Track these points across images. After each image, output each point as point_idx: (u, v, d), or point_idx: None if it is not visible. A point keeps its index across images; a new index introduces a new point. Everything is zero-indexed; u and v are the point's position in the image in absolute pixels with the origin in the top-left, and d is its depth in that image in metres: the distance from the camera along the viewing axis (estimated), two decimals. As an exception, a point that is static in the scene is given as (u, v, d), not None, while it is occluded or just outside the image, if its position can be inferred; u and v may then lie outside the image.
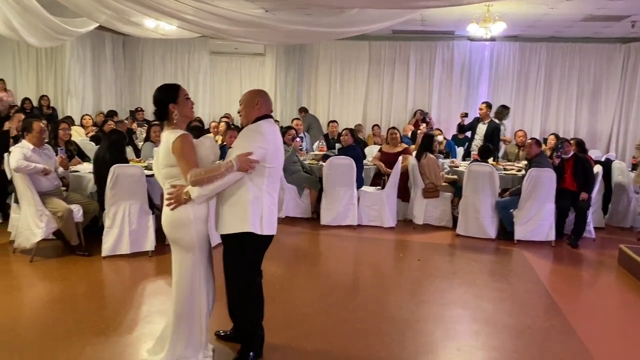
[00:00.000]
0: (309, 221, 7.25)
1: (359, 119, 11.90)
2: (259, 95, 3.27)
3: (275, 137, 3.24)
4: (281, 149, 3.31)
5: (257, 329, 3.37)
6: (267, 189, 3.15)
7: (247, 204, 3.08)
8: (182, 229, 3.10)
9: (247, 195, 3.08)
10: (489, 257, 6.08)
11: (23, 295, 4.51)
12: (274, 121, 3.34)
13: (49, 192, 5.35)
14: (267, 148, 3.08)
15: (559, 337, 3.94)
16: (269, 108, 3.29)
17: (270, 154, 3.12)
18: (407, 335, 3.85)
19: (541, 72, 11.29)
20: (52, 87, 12.34)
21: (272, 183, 3.20)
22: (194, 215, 3.08)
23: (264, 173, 3.11)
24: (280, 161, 3.30)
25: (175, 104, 3.08)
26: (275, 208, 3.26)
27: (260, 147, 3.05)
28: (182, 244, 3.14)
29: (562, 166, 6.76)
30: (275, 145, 3.18)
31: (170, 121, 3.12)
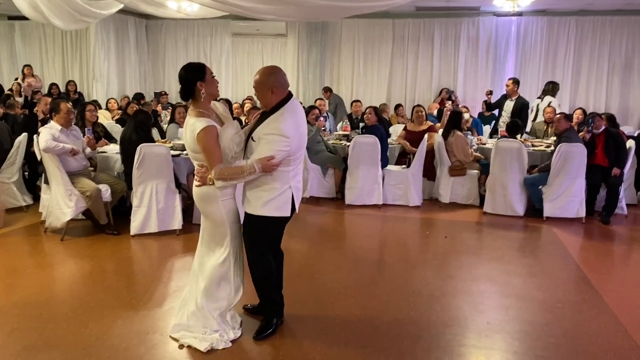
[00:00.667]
0: (333, 201, 7.23)
1: (382, 98, 11.75)
2: (270, 78, 3.08)
3: (299, 128, 3.10)
4: (305, 134, 3.22)
5: (276, 297, 3.44)
6: (292, 174, 3.15)
7: (274, 191, 3.10)
8: (210, 203, 3.17)
9: (275, 183, 3.09)
10: (517, 234, 5.98)
11: (55, 272, 4.60)
12: (295, 102, 3.15)
13: (78, 172, 5.43)
14: (291, 148, 3.02)
15: (591, 311, 3.86)
16: (285, 87, 3.12)
17: (295, 148, 3.07)
18: (434, 309, 3.82)
19: (570, 47, 10.96)
20: (78, 72, 12.54)
21: (296, 166, 3.20)
22: (221, 193, 3.15)
23: (290, 163, 3.10)
24: (304, 145, 3.25)
25: (203, 82, 3.09)
26: (300, 185, 3.27)
27: (282, 150, 2.99)
28: (212, 217, 3.23)
29: (593, 142, 6.58)
30: (299, 137, 3.10)
31: (197, 100, 3.12)
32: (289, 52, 12.31)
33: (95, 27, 11.32)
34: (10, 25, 12.55)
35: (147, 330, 3.43)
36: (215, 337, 3.22)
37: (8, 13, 11.83)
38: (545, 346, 3.32)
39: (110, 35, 11.95)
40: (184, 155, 5.79)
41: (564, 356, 3.19)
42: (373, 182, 6.88)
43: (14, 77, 11.75)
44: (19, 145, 6.34)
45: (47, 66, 12.76)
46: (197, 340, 3.22)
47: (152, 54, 13.20)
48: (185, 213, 5.76)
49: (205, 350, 3.14)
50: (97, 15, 7.07)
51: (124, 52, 12.45)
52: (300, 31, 12.03)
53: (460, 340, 3.39)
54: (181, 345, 3.23)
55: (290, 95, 3.15)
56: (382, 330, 3.48)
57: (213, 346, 3.18)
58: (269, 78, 3.08)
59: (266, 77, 3.09)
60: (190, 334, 3.26)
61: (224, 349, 3.18)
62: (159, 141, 6.32)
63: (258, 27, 12.10)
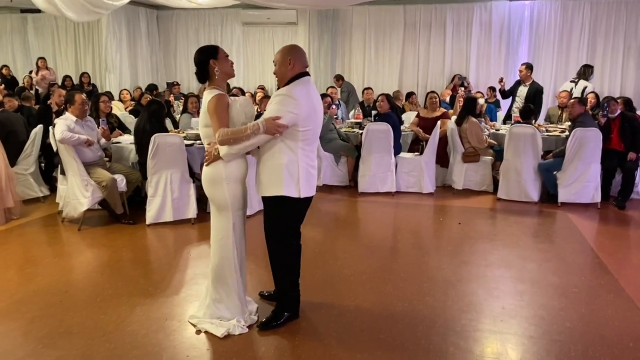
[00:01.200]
0: (346, 189, 7.23)
1: (394, 85, 11.69)
2: (290, 52, 3.13)
3: (310, 98, 3.09)
4: (319, 110, 3.20)
5: (292, 290, 3.40)
6: (302, 151, 3.10)
7: (282, 167, 3.06)
8: (216, 186, 3.17)
9: (282, 158, 3.06)
10: (532, 219, 5.95)
11: (73, 260, 4.67)
12: (310, 79, 3.19)
13: (93, 162, 5.49)
14: (299, 112, 2.99)
15: (607, 295, 3.85)
16: (303, 64, 3.15)
17: (303, 118, 3.02)
18: (449, 295, 3.83)
19: (584, 31, 10.78)
20: (91, 63, 12.63)
21: (308, 145, 3.13)
22: (226, 174, 3.13)
23: (298, 137, 3.05)
24: (317, 122, 3.20)
25: (215, 60, 3.14)
26: (313, 169, 3.20)
27: (290, 112, 2.96)
28: (216, 202, 3.22)
29: (609, 126, 6.51)
30: (310, 107, 3.06)
31: (212, 79, 3.16)
32: (300, 40, 12.25)
33: (106, 19, 11.36)
34: (23, 19, 12.65)
35: (165, 316, 3.48)
36: (232, 322, 3.26)
37: (20, 6, 11.91)
38: (561, 330, 3.32)
39: (122, 26, 11.99)
40: (197, 145, 5.82)
41: (580, 340, 3.19)
42: (386, 169, 6.87)
43: (28, 69, 11.88)
44: (35, 137, 6.41)
45: (60, 58, 12.86)
46: (213, 326, 3.26)
47: (164, 44, 13.23)
48: (200, 202, 5.80)
49: (222, 336, 3.19)
50: (109, 6, 7.11)
51: (136, 43, 12.49)
52: (310, 19, 11.98)
53: (476, 325, 3.40)
54: (198, 331, 3.28)
55: (307, 73, 3.17)
56: (397, 316, 3.50)
57: (230, 332, 3.23)
58: (291, 50, 3.14)
59: (289, 50, 3.16)
60: (207, 320, 3.31)
61: (241, 335, 3.22)
62: (172, 131, 6.37)
63: (269, 16, 12.07)
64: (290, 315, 3.39)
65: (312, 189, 3.21)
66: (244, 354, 3.04)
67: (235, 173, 3.16)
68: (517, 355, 3.05)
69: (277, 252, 3.29)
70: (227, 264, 3.27)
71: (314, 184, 3.24)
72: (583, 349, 3.09)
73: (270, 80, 12.26)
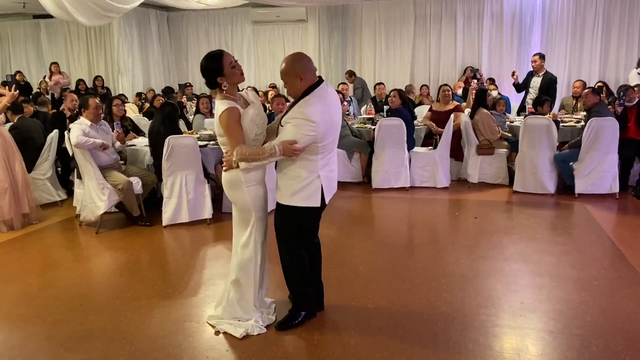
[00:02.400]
0: (360, 185, 7.22)
1: (406, 79, 11.63)
2: (296, 66, 3.00)
3: (328, 111, 3.00)
4: (337, 120, 3.10)
5: (305, 289, 3.36)
6: (322, 163, 3.05)
7: (302, 180, 3.03)
8: (236, 189, 3.17)
9: (302, 171, 3.03)
10: (549, 212, 5.89)
11: (92, 264, 4.73)
12: (324, 88, 3.05)
13: (109, 166, 5.54)
14: (317, 133, 2.92)
15: (628, 288, 3.80)
16: (313, 73, 3.04)
17: (321, 135, 2.95)
18: (467, 291, 3.81)
19: (598, 19, 10.59)
20: (103, 67, 12.75)
21: (327, 155, 3.09)
22: (245, 177, 3.11)
23: (317, 151, 3.00)
24: (336, 129, 3.14)
25: (222, 77, 3.07)
26: (333, 175, 3.18)
27: (306, 135, 2.90)
28: (237, 204, 3.23)
29: (625, 115, 6.42)
30: (327, 123, 2.98)
31: (221, 91, 3.14)
32: (310, 38, 12.25)
33: (118, 22, 11.45)
34: (36, 24, 12.80)
35: (184, 318, 3.51)
36: (250, 323, 3.28)
37: (33, 12, 12.05)
38: (582, 325, 3.28)
39: (133, 29, 12.08)
40: (211, 146, 5.85)
41: (601, 335, 3.15)
42: (400, 164, 6.85)
43: (42, 74, 12.02)
44: (51, 141, 6.49)
45: (73, 63, 13.01)
46: (232, 326, 3.28)
47: (175, 45, 13.31)
48: (215, 202, 5.84)
49: (240, 337, 3.21)
50: (120, 10, 7.16)
51: (147, 45, 12.58)
52: (320, 16, 11.95)
53: (495, 320, 3.38)
54: (217, 332, 3.30)
55: (320, 80, 3.06)
56: (415, 312, 3.49)
57: (248, 332, 3.24)
58: (295, 65, 3.01)
59: (292, 65, 3.01)
60: (225, 321, 3.34)
61: (259, 335, 3.24)
62: (185, 132, 6.40)
63: (278, 14, 12.07)
64: (307, 314, 3.38)
65: (331, 192, 3.20)
66: (263, 354, 3.05)
67: (254, 176, 3.14)
68: (537, 350, 3.03)
69: (287, 258, 3.28)
70: (249, 265, 3.28)
71: (334, 186, 3.25)
72: (604, 344, 3.05)
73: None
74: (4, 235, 5.42)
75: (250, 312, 3.33)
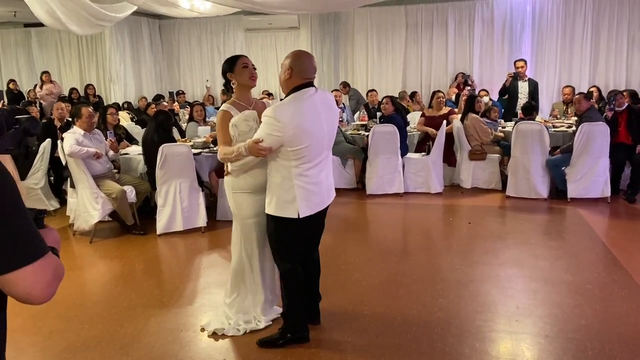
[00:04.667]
0: (354, 191, 7.24)
1: (398, 86, 11.68)
2: (292, 61, 2.92)
3: (301, 116, 2.85)
4: (313, 129, 2.89)
5: (294, 305, 3.20)
6: (297, 170, 2.90)
7: (277, 187, 2.96)
8: (227, 194, 3.30)
9: (277, 178, 2.96)
10: (542, 216, 5.94)
11: (87, 273, 4.71)
12: (307, 92, 2.91)
13: (102, 174, 5.53)
14: (282, 134, 2.80)
15: (621, 291, 3.83)
16: (304, 75, 2.93)
17: (290, 138, 2.81)
18: (463, 296, 3.83)
19: (588, 24, 10.71)
20: (95, 75, 12.71)
21: (305, 163, 2.91)
22: (233, 183, 3.20)
23: (290, 156, 2.87)
24: (316, 138, 2.91)
25: (232, 73, 3.19)
26: (314, 188, 2.98)
27: (271, 135, 2.80)
28: (231, 210, 3.33)
29: (616, 119, 6.49)
30: (297, 127, 2.82)
31: (234, 91, 3.24)
32: (302, 45, 12.26)
33: (109, 30, 11.42)
34: (27, 33, 12.75)
35: (180, 327, 3.50)
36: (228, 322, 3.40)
37: (24, 21, 12.01)
38: (577, 328, 3.31)
39: (125, 37, 12.06)
40: (205, 154, 5.85)
41: (597, 338, 3.18)
42: (393, 170, 6.88)
43: (33, 83, 11.96)
44: (44, 151, 6.45)
45: (65, 71, 12.96)
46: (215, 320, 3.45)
47: (167, 53, 13.28)
48: (209, 210, 5.83)
49: (209, 332, 3.36)
50: (112, 18, 7.16)
51: (139, 53, 12.55)
52: (312, 23, 11.99)
53: (491, 325, 3.39)
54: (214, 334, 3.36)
55: (307, 84, 2.93)
56: (411, 319, 3.50)
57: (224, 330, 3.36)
58: (291, 60, 2.94)
59: (289, 59, 2.95)
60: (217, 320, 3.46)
61: (256, 343, 3.22)
62: (179, 140, 6.40)
63: (270, 21, 12.10)
64: (293, 338, 3.20)
65: (314, 207, 3.00)
66: (261, 362, 3.05)
67: (242, 183, 3.17)
68: (533, 355, 3.05)
69: (280, 269, 3.19)
70: (240, 269, 3.36)
71: (319, 201, 3.04)
72: (600, 347, 3.08)
73: (274, 85, 12.29)
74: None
75: (237, 314, 3.40)
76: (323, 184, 3.05)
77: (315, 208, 3.02)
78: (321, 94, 3.01)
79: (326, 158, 3.08)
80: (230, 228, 5.43)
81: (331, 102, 3.09)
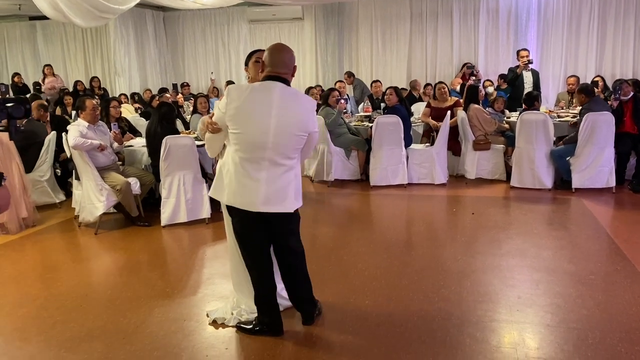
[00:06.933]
0: (358, 183, 7.24)
1: (403, 77, 11.64)
2: (266, 54, 2.95)
3: (250, 100, 2.80)
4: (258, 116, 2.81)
5: (259, 295, 3.15)
6: (234, 156, 2.87)
7: (220, 168, 3.04)
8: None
9: (222, 159, 3.04)
10: (546, 206, 5.92)
11: (92, 264, 4.75)
12: (269, 85, 2.86)
13: (107, 166, 5.56)
14: (225, 110, 2.82)
15: (624, 281, 3.83)
16: (272, 68, 2.89)
17: (230, 116, 2.82)
18: (465, 286, 3.83)
19: (594, 12, 10.59)
20: (100, 68, 12.75)
21: (243, 153, 2.84)
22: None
23: (230, 138, 2.87)
24: (253, 128, 2.81)
25: (246, 67, 3.33)
26: (248, 181, 2.85)
27: (219, 110, 2.86)
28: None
29: (621, 109, 6.43)
30: (240, 108, 2.80)
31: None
32: (307, 36, 12.25)
33: (114, 23, 11.44)
34: (32, 26, 12.79)
35: (183, 317, 3.52)
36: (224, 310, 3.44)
37: (29, 14, 12.03)
38: (578, 318, 3.31)
39: (129, 29, 12.07)
40: (208, 145, 5.85)
41: (598, 328, 3.18)
42: (397, 161, 6.87)
43: (39, 77, 12.01)
44: (49, 144, 6.49)
45: (70, 64, 13.00)
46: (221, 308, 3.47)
47: (171, 45, 13.29)
48: (213, 202, 5.84)
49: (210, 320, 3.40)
50: (116, 11, 7.16)
51: (144, 46, 12.57)
52: (316, 14, 11.95)
53: (492, 315, 3.40)
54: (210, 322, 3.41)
55: (273, 78, 2.88)
56: (412, 308, 3.51)
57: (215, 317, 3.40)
58: (265, 54, 2.96)
59: (265, 52, 2.98)
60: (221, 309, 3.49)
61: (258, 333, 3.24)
62: (182, 132, 6.41)
63: (274, 12, 12.08)
64: (265, 330, 3.18)
65: (240, 202, 2.90)
66: (262, 352, 3.07)
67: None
68: (534, 344, 3.05)
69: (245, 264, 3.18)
70: (232, 259, 3.42)
71: (247, 201, 2.89)
72: (601, 336, 3.08)
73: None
74: (3, 238, 5.43)
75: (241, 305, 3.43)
76: (260, 185, 2.85)
77: (240, 203, 2.91)
78: (289, 91, 2.91)
79: (273, 161, 2.86)
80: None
81: (299, 103, 2.95)
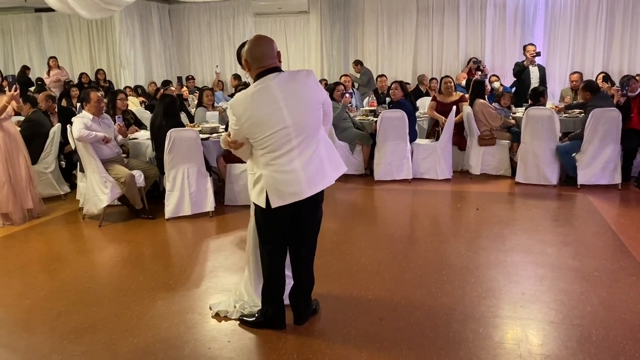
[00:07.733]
0: (362, 177, 7.23)
1: (408, 71, 11.60)
2: (244, 51, 2.88)
3: (255, 106, 2.77)
4: (271, 114, 2.78)
5: (267, 291, 3.18)
6: (264, 160, 2.86)
7: (250, 175, 3.05)
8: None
9: (250, 167, 3.05)
10: (551, 203, 5.89)
11: (95, 256, 4.76)
12: (264, 82, 2.80)
13: (111, 159, 5.56)
14: (240, 126, 2.81)
15: (628, 278, 3.81)
16: (258, 64, 2.83)
17: (245, 130, 2.81)
18: (468, 281, 3.82)
19: (602, 7, 10.48)
20: (105, 60, 12.77)
21: (271, 152, 2.83)
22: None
23: (256, 146, 2.87)
24: (273, 126, 2.78)
25: (242, 65, 3.22)
26: (285, 175, 2.84)
27: (233, 128, 2.86)
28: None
29: (628, 105, 6.39)
30: (251, 118, 2.78)
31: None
32: (312, 29, 12.20)
33: (119, 15, 11.43)
34: (38, 18, 12.80)
35: (186, 310, 3.53)
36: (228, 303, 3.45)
37: (35, 6, 12.05)
38: (582, 315, 3.29)
39: (135, 22, 12.06)
40: (213, 139, 5.86)
41: (602, 325, 3.16)
42: (402, 156, 6.85)
43: (45, 68, 12.02)
44: (54, 135, 6.50)
45: (75, 56, 13.02)
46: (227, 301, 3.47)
47: (176, 38, 13.27)
48: (217, 195, 5.86)
49: (213, 313, 3.41)
50: (121, 2, 7.15)
51: (149, 38, 12.56)
52: (322, 7, 11.89)
53: (495, 311, 3.39)
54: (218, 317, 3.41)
55: (265, 72, 2.83)
56: (416, 304, 3.51)
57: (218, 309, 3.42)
58: (246, 52, 2.87)
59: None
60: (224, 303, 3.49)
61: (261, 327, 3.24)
62: (187, 125, 6.41)
63: (280, 6, 12.03)
64: (267, 323, 3.21)
65: (288, 197, 2.86)
66: (264, 346, 3.08)
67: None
68: (537, 340, 3.04)
69: (260, 256, 3.22)
70: (251, 259, 3.38)
71: (293, 191, 2.86)
72: (605, 333, 3.06)
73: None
74: (8, 229, 5.45)
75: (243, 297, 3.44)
76: (298, 173, 2.84)
77: (288, 198, 2.87)
78: (284, 78, 2.84)
79: (301, 145, 2.84)
80: (237, 213, 5.52)
81: (299, 82, 2.88)
